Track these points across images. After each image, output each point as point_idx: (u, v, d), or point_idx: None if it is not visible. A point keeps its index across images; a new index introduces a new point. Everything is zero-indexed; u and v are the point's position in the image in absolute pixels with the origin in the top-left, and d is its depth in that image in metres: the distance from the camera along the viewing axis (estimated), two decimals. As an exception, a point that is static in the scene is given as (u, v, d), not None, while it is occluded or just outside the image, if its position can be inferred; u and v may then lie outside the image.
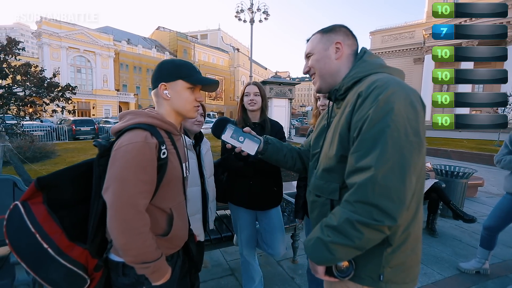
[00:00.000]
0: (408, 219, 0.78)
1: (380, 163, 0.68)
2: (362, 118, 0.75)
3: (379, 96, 0.73)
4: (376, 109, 0.72)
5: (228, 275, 2.46)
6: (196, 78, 1.05)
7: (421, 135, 0.72)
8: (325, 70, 0.95)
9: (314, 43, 0.97)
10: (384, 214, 0.67)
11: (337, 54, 0.92)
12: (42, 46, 32.48)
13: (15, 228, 0.87)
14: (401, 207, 0.68)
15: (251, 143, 1.13)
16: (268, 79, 15.17)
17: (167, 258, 1.04)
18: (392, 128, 0.69)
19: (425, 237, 3.25)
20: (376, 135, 0.70)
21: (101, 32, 37.99)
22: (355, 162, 0.74)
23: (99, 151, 0.94)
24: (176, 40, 48.40)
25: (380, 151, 0.69)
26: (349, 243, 0.72)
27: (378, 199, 0.67)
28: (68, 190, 0.97)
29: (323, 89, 0.99)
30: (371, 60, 0.90)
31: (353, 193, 0.72)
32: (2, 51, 4.15)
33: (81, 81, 35.74)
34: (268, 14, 17.31)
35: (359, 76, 0.85)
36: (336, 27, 0.95)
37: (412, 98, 0.74)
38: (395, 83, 0.76)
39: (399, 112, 0.70)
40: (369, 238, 0.71)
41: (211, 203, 1.73)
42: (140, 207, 0.88)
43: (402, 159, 0.68)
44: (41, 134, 12.08)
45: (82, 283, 0.94)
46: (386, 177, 0.67)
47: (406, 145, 0.69)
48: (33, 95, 4.47)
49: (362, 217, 0.69)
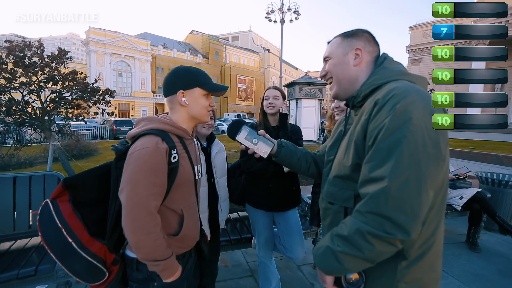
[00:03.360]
0: (428, 233, 0.74)
1: (394, 174, 0.66)
2: (378, 127, 0.72)
3: (396, 105, 0.70)
4: (392, 118, 0.69)
5: (247, 276, 2.48)
6: (212, 85, 1.11)
7: (440, 146, 0.69)
8: (342, 76, 0.92)
9: (333, 47, 0.94)
10: (397, 227, 0.65)
11: (356, 61, 0.90)
12: (89, 53, 35.72)
13: (45, 222, 0.98)
14: (415, 220, 0.65)
15: (265, 146, 1.14)
16: (297, 79, 15.00)
17: (178, 257, 1.10)
18: (409, 139, 0.66)
19: (465, 252, 2.97)
20: (392, 145, 0.68)
21: (139, 38, 40.69)
22: (369, 172, 0.71)
23: (116, 155, 1.02)
24: (208, 43, 49.97)
25: (395, 162, 0.66)
26: (359, 255, 0.70)
27: (391, 211, 0.65)
28: (90, 190, 1.07)
29: (340, 96, 0.96)
30: (391, 66, 0.87)
31: (365, 204, 0.70)
32: (54, 60, 4.65)
33: (122, 84, 38.64)
34: (299, 13, 17.10)
35: (378, 83, 0.82)
36: (359, 32, 0.92)
37: (431, 108, 0.71)
38: (415, 92, 0.73)
39: (417, 122, 0.67)
40: (380, 251, 0.68)
41: (222, 203, 1.78)
42: (151, 208, 0.94)
43: (418, 172, 0.65)
44: (87, 133, 13.30)
45: (101, 275, 1.04)
46: (400, 189, 0.65)
47: (424, 157, 0.66)
48: (79, 98, 4.94)
49: (373, 229, 0.67)
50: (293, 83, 14.36)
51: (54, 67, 4.65)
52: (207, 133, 1.74)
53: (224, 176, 1.84)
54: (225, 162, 1.88)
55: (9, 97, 4.39)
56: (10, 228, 2.15)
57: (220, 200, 1.75)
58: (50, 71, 4.56)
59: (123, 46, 37.79)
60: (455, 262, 2.72)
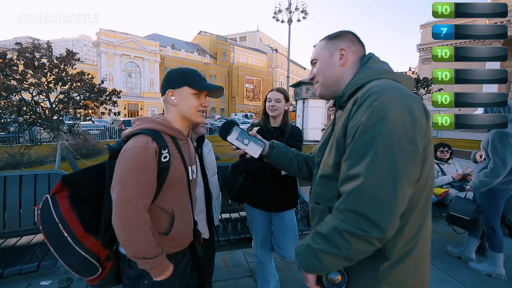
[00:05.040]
0: (411, 233, 0.74)
1: (369, 171, 0.65)
2: (356, 125, 0.73)
3: (373, 103, 0.70)
4: (369, 116, 0.69)
5: (247, 276, 2.48)
6: (200, 84, 1.11)
7: (417, 144, 0.68)
8: (328, 77, 0.93)
9: (319, 49, 0.96)
10: (372, 224, 0.64)
11: (341, 61, 0.91)
12: (100, 54, 36.50)
13: (45, 217, 1.02)
14: (390, 218, 0.64)
15: (256, 146, 1.16)
16: (304, 79, 14.89)
17: (171, 256, 1.10)
18: (385, 136, 0.66)
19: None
20: (368, 142, 0.68)
21: (148, 39, 41.33)
22: (347, 169, 0.72)
23: (109, 154, 1.04)
24: (216, 43, 50.29)
25: (371, 159, 0.66)
26: (337, 252, 0.69)
27: (366, 209, 0.65)
28: (86, 187, 1.10)
29: (325, 95, 0.98)
30: (374, 66, 0.87)
31: (342, 201, 0.70)
32: (63, 61, 4.77)
33: (131, 84, 39.35)
34: (306, 13, 17.00)
35: (361, 83, 0.83)
36: (342, 33, 0.94)
37: (410, 105, 0.70)
38: (394, 89, 0.73)
39: (393, 119, 0.67)
40: (358, 249, 0.68)
41: (215, 201, 1.79)
42: (139, 207, 0.95)
43: (393, 169, 0.65)
44: (97, 133, 13.58)
45: (95, 270, 1.06)
46: (376, 187, 0.64)
47: (399, 154, 0.65)
48: (86, 99, 5.05)
49: (349, 227, 0.66)
50: (300, 83, 14.27)
51: (62, 68, 4.77)
52: (203, 132, 1.76)
53: (215, 175, 1.87)
54: (214, 161, 1.92)
55: (20, 97, 4.53)
56: (16, 225, 2.21)
57: (213, 198, 1.77)
58: (59, 72, 4.67)
59: (133, 47, 38.44)
60: (461, 267, 2.64)
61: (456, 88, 18.84)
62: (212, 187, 1.76)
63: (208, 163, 1.78)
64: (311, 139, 12.92)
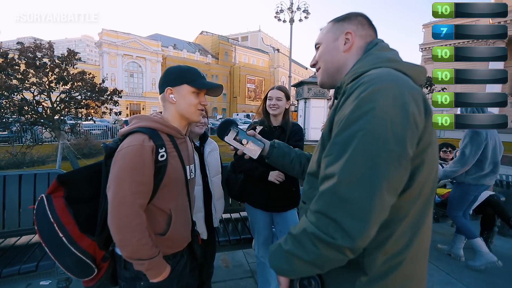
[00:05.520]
0: (396, 248, 0.64)
1: (345, 171, 0.57)
2: (341, 118, 0.64)
3: (361, 94, 0.61)
4: (354, 109, 0.60)
5: (248, 277, 2.45)
6: (200, 82, 1.09)
7: (406, 144, 0.57)
8: (331, 63, 0.84)
9: (324, 32, 0.87)
10: (342, 231, 0.56)
11: (346, 46, 0.80)
12: (102, 55, 36.63)
13: (40, 217, 1.00)
14: (363, 227, 0.55)
15: (254, 147, 1.11)
16: (306, 79, 14.86)
17: (168, 257, 1.08)
18: (367, 132, 0.57)
19: (477, 257, 2.84)
20: (348, 138, 0.59)
21: (151, 39, 41.43)
22: (325, 167, 0.64)
23: (105, 152, 1.02)
24: (218, 43, 50.31)
25: (348, 157, 0.58)
26: (305, 257, 0.61)
27: (337, 213, 0.57)
28: (82, 187, 1.08)
29: (325, 84, 0.88)
30: (378, 53, 0.76)
31: (314, 202, 0.62)
32: (64, 61, 4.77)
33: (133, 84, 39.47)
34: (308, 12, 16.97)
35: (360, 72, 0.72)
36: (351, 16, 0.83)
37: (406, 99, 0.59)
38: (390, 79, 0.62)
39: (381, 114, 0.57)
40: (327, 257, 0.59)
41: (216, 202, 1.76)
42: (135, 207, 0.93)
43: (372, 170, 0.56)
44: (99, 133, 13.61)
45: (90, 271, 1.04)
46: (350, 189, 0.56)
47: (382, 154, 0.56)
48: (87, 99, 5.05)
49: (318, 230, 0.59)
50: (302, 83, 14.23)
51: (63, 68, 4.77)
52: (200, 132, 1.73)
53: (218, 175, 1.83)
54: (218, 161, 1.87)
55: (22, 97, 4.53)
56: (15, 224, 2.21)
57: (213, 199, 1.74)
58: (60, 71, 4.67)
59: (135, 47, 38.56)
60: (465, 268, 2.60)
61: (459, 88, 18.70)
62: (214, 187, 1.73)
63: (210, 162, 1.75)
64: (313, 139, 12.89)
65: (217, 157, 1.86)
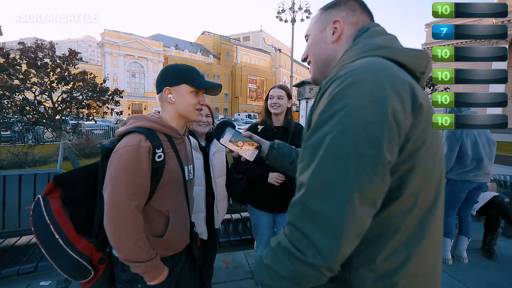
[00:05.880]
0: (390, 266, 0.56)
1: (311, 181, 0.51)
2: (315, 119, 0.57)
3: (334, 90, 0.53)
4: (325, 108, 0.53)
5: (248, 278, 2.43)
6: (199, 82, 1.07)
7: (382, 146, 0.49)
8: (319, 57, 0.75)
9: (312, 22, 0.78)
10: (313, 248, 0.49)
11: (334, 36, 0.71)
12: (104, 55, 36.76)
13: (37, 218, 0.98)
14: (334, 243, 0.48)
15: (251, 148, 1.07)
16: (307, 79, 14.82)
17: (166, 259, 1.06)
18: (337, 135, 0.50)
19: (481, 260, 2.80)
20: (317, 142, 0.53)
21: (152, 40, 41.55)
22: (298, 174, 0.57)
23: (101, 153, 1.00)
24: (220, 43, 50.35)
25: (316, 165, 0.51)
26: (282, 273, 0.55)
27: (307, 227, 0.50)
28: (79, 188, 1.06)
29: (318, 80, 0.79)
30: (366, 40, 0.66)
31: (288, 213, 0.57)
32: (65, 61, 4.78)
33: (135, 84, 39.60)
34: (310, 12, 16.93)
35: (345, 64, 0.62)
36: (341, 1, 0.73)
37: (385, 92, 0.51)
38: (369, 71, 0.53)
39: (354, 112, 0.50)
40: (303, 274, 0.52)
41: (219, 203, 1.74)
42: (131, 208, 0.91)
43: (341, 179, 0.49)
44: (100, 133, 13.65)
45: (87, 273, 1.03)
46: (317, 201, 0.50)
47: (353, 160, 0.49)
48: (89, 99, 5.06)
49: (290, 245, 0.53)
50: (303, 83, 14.16)
51: (65, 68, 4.78)
52: (203, 131, 1.70)
53: (222, 176, 1.80)
54: (224, 162, 1.84)
55: (23, 97, 4.54)
56: (15, 225, 2.20)
57: (216, 200, 1.72)
58: (61, 71, 4.68)
59: (137, 48, 38.67)
60: (468, 270, 2.56)
61: (462, 88, 18.62)
62: (217, 188, 1.71)
63: (215, 163, 1.73)
64: (315, 139, 12.82)
65: (223, 158, 1.83)
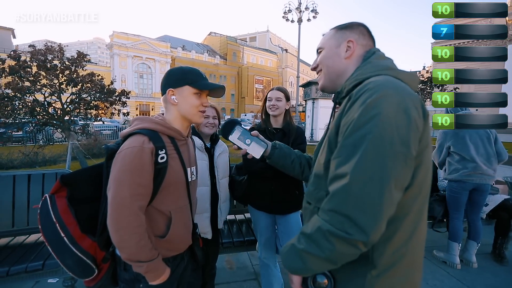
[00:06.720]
0: (401, 241, 0.71)
1: (356, 171, 0.63)
2: (348, 122, 0.70)
3: (367, 99, 0.67)
4: (361, 113, 0.66)
5: (251, 279, 2.43)
6: (201, 83, 1.08)
7: (410, 145, 0.64)
8: (332, 69, 0.89)
9: (326, 38, 0.92)
10: (356, 227, 0.61)
11: (347, 53, 0.86)
12: (113, 56, 37.41)
13: (44, 216, 1.01)
14: (375, 221, 0.61)
15: (257, 147, 1.12)
16: (314, 79, 14.75)
17: (168, 259, 1.07)
18: (376, 135, 0.63)
19: (490, 264, 2.73)
20: (358, 141, 0.65)
21: (160, 41, 42.06)
22: (335, 168, 0.69)
23: (106, 154, 1.02)
24: (226, 44, 50.59)
25: (359, 158, 0.63)
26: (320, 254, 0.66)
27: (351, 210, 0.62)
28: (85, 188, 1.09)
29: (327, 88, 0.93)
30: (376, 61, 0.82)
31: (328, 201, 0.67)
32: (74, 63, 4.88)
33: (143, 85, 40.16)
34: (317, 12, 16.87)
35: (360, 79, 0.78)
36: (354, 25, 0.89)
37: (407, 104, 0.66)
38: (391, 86, 0.69)
39: (386, 118, 0.64)
40: (342, 252, 0.64)
41: (222, 204, 1.75)
42: (134, 208, 0.92)
43: (382, 170, 0.62)
44: (109, 133, 13.86)
45: (91, 272, 1.05)
46: (362, 187, 0.62)
47: (390, 154, 0.62)
48: (97, 100, 5.15)
49: (333, 228, 0.64)
50: (310, 83, 14.15)
51: (73, 70, 4.87)
52: (210, 133, 1.72)
53: (225, 178, 1.82)
54: (227, 163, 1.86)
55: (34, 98, 4.65)
56: (24, 223, 2.25)
57: (220, 201, 1.73)
58: (70, 73, 4.78)
59: (144, 49, 39.22)
60: (478, 275, 2.50)
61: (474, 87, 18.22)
62: (221, 189, 1.73)
63: (219, 164, 1.75)
64: (321, 139, 12.77)
65: (226, 160, 1.85)
